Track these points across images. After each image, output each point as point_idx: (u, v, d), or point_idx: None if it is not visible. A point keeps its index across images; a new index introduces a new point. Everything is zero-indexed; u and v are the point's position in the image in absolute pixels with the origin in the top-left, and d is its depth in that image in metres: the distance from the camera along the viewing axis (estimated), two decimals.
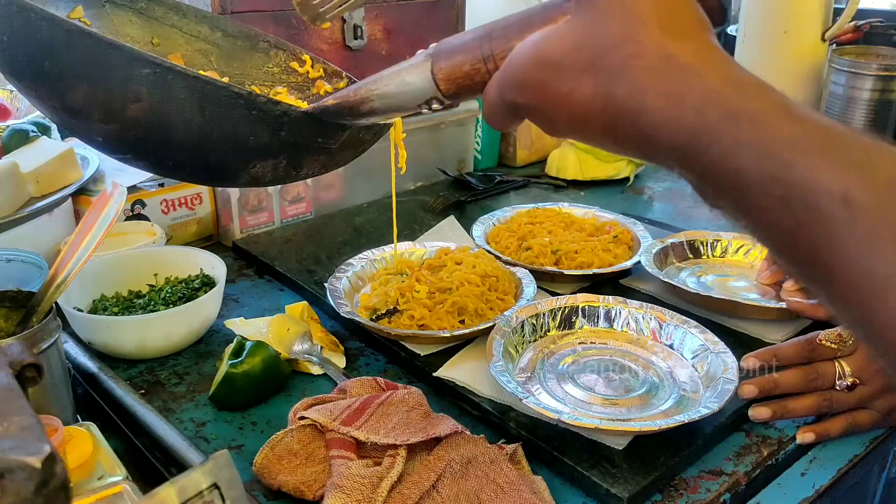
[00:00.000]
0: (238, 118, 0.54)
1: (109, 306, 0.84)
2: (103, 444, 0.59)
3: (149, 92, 0.52)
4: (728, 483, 0.65)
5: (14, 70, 0.57)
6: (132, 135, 0.55)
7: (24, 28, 0.53)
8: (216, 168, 0.59)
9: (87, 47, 0.52)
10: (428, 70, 0.49)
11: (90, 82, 0.53)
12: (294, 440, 0.64)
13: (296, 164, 0.61)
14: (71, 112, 0.56)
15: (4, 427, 0.37)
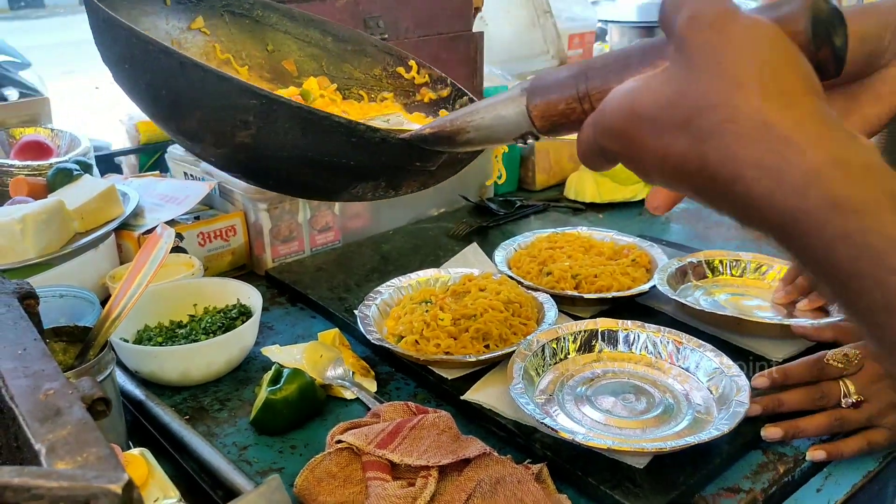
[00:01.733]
0: (339, 144, 0.57)
1: (154, 336, 0.88)
2: (157, 468, 0.64)
3: (256, 120, 0.56)
4: (745, 500, 0.68)
5: (136, 93, 0.61)
6: (242, 157, 0.60)
7: (143, 58, 0.57)
8: (319, 187, 0.64)
9: (199, 78, 0.55)
10: (523, 105, 0.49)
11: (202, 110, 0.57)
12: (332, 463, 0.68)
13: (395, 184, 0.64)
14: (186, 135, 0.61)
15: (84, 457, 0.42)
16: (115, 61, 0.60)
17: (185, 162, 1.24)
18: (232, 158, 0.61)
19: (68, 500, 0.37)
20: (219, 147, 0.59)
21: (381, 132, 0.57)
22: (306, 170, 0.59)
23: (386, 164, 0.59)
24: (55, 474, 0.38)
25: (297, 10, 0.84)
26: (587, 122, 0.45)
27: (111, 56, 0.61)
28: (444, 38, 1.22)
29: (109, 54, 0.61)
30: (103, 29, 0.60)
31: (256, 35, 0.82)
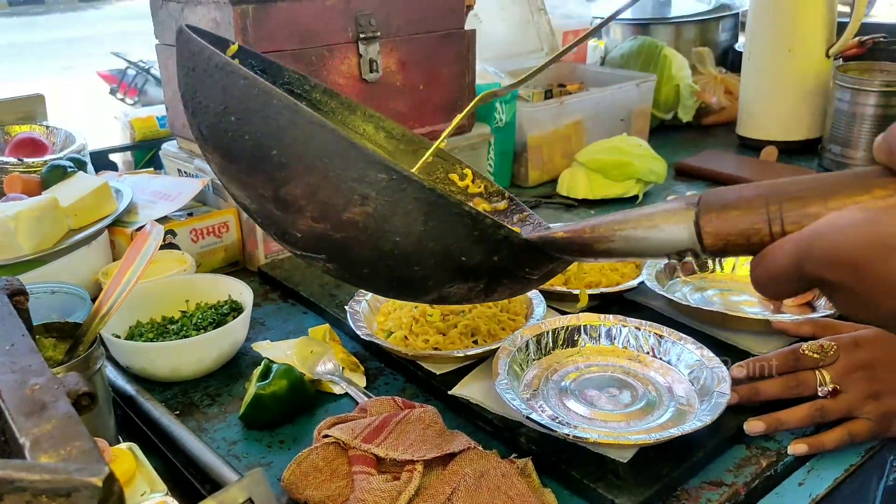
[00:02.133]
0: (459, 235, 0.52)
1: (145, 332, 0.89)
2: (144, 463, 0.65)
3: (377, 196, 0.50)
4: (728, 493, 0.69)
5: (229, 150, 0.55)
6: (339, 236, 0.53)
7: (260, 112, 0.51)
8: (412, 282, 0.57)
9: (326, 142, 0.50)
10: (691, 221, 0.46)
11: (317, 178, 0.51)
12: (319, 457, 0.69)
13: (490, 289, 0.59)
14: (280, 203, 0.54)
15: (67, 451, 0.43)
16: (216, 112, 0.54)
17: (178, 159, 1.25)
18: (325, 236, 0.54)
19: (50, 493, 0.38)
20: (318, 221, 0.53)
21: (505, 229, 0.53)
22: (412, 259, 0.54)
23: (496, 264, 0.55)
24: (38, 467, 0.39)
25: (354, 101, 0.82)
26: (783, 249, 0.43)
27: (211, 104, 0.55)
28: (436, 36, 1.22)
29: (209, 102, 0.55)
30: (211, 74, 0.54)
31: None
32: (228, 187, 0.59)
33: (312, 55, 1.09)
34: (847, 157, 1.49)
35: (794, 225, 0.43)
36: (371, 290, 0.67)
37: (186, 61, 0.57)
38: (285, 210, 0.54)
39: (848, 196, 0.42)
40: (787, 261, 0.43)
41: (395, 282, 0.58)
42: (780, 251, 0.43)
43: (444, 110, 1.28)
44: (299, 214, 0.54)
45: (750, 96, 1.65)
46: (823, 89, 1.56)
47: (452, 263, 0.54)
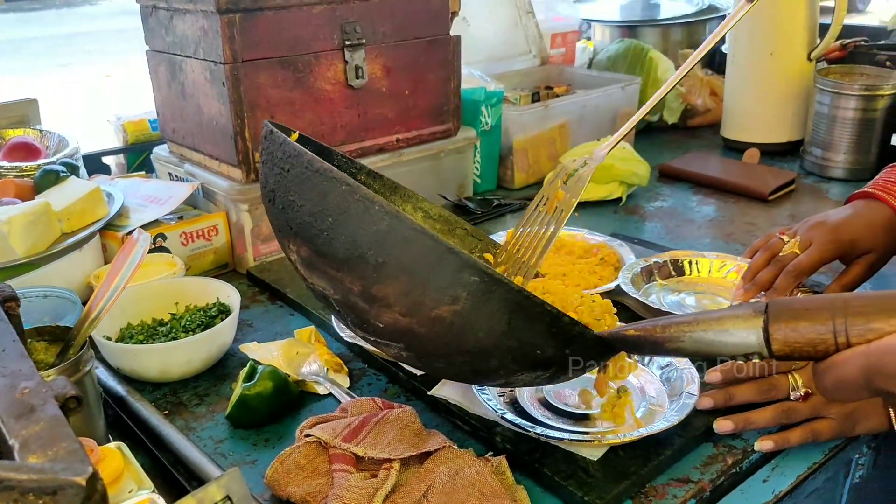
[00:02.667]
0: (538, 332, 0.55)
1: (135, 334, 0.92)
2: (132, 462, 0.67)
3: (468, 297, 0.53)
4: (694, 490, 0.72)
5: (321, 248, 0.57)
6: (423, 331, 0.56)
7: (361, 217, 0.54)
8: (485, 373, 0.60)
9: (425, 247, 0.53)
10: (760, 328, 0.49)
11: (412, 279, 0.54)
12: (301, 455, 0.71)
13: (554, 376, 0.62)
14: (368, 298, 0.56)
15: (54, 451, 0.45)
16: (312, 212, 0.57)
17: (169, 163, 1.28)
18: (409, 330, 0.56)
19: (37, 492, 0.41)
20: (405, 316, 0.56)
21: (579, 325, 0.57)
22: (491, 353, 0.57)
23: (567, 356, 0.58)
24: (25, 467, 0.41)
25: (396, 183, 0.85)
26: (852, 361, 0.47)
27: (306, 205, 0.57)
28: (421, 43, 1.25)
29: (304, 202, 0.57)
30: (309, 178, 0.57)
31: None
32: (309, 278, 0.61)
33: (299, 62, 1.12)
34: (828, 159, 1.52)
35: (858, 338, 0.47)
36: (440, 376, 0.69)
37: (280, 162, 0.59)
38: (371, 304, 0.57)
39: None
40: (858, 373, 0.47)
41: (468, 372, 0.61)
42: (850, 364, 0.47)
43: (429, 115, 1.30)
44: (387, 309, 0.56)
45: (734, 99, 1.68)
46: (805, 92, 1.59)
47: (528, 357, 0.57)
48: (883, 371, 0.45)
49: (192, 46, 1.11)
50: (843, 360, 0.47)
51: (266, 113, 1.10)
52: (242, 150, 1.10)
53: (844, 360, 0.47)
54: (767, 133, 1.65)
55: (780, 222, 1.32)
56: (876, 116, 1.46)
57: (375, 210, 0.53)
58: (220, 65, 1.06)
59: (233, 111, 1.08)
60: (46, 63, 7.73)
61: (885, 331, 0.46)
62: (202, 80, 1.12)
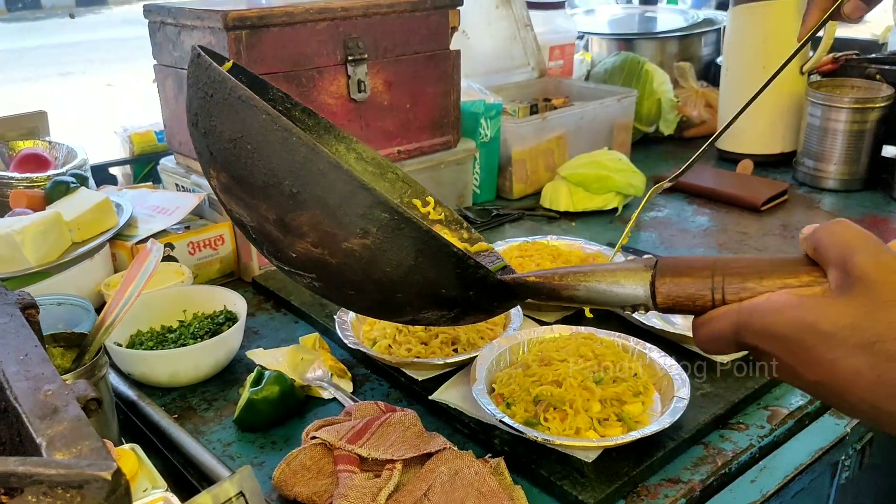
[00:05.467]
0: (443, 271, 0.58)
1: (145, 341, 0.95)
2: (146, 462, 0.70)
3: (378, 233, 0.55)
4: (684, 490, 0.75)
5: (239, 174, 0.58)
6: (334, 261, 0.58)
7: (279, 146, 0.55)
8: (392, 306, 0.62)
9: (338, 181, 0.54)
10: (647, 281, 0.52)
11: (324, 211, 0.55)
12: (307, 457, 0.74)
13: (458, 317, 0.64)
14: (282, 226, 0.58)
15: (79, 449, 0.48)
16: (231, 138, 0.58)
17: (176, 174, 1.31)
18: (319, 260, 0.59)
19: (65, 486, 0.44)
20: (316, 247, 0.58)
21: (484, 269, 0.59)
22: (397, 287, 0.59)
23: (470, 298, 0.60)
24: (53, 463, 0.44)
25: (331, 123, 0.86)
26: (725, 317, 0.50)
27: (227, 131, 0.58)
28: (421, 57, 1.28)
29: (225, 128, 0.58)
30: (231, 104, 0.57)
31: None
32: (227, 203, 0.63)
33: (303, 76, 1.15)
34: (820, 170, 1.55)
35: (733, 296, 0.50)
36: (349, 307, 0.71)
37: (204, 87, 0.60)
38: (285, 233, 0.58)
39: (779, 277, 0.49)
40: (728, 328, 0.50)
41: (375, 304, 0.63)
42: (722, 319, 0.50)
43: (429, 128, 1.34)
44: (299, 238, 0.58)
45: (728, 111, 1.71)
46: (798, 105, 1.62)
47: (432, 294, 0.60)
48: (751, 328, 0.48)
49: None
50: (717, 315, 0.50)
51: None
52: None
53: (718, 315, 0.50)
54: (761, 144, 1.68)
55: (772, 232, 1.35)
56: (867, 128, 1.49)
57: (293, 141, 0.54)
58: None
59: None
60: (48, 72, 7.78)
61: (757, 290, 0.49)
62: None
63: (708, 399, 0.85)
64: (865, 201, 1.48)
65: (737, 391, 0.86)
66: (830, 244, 0.47)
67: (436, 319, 0.64)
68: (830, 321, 0.45)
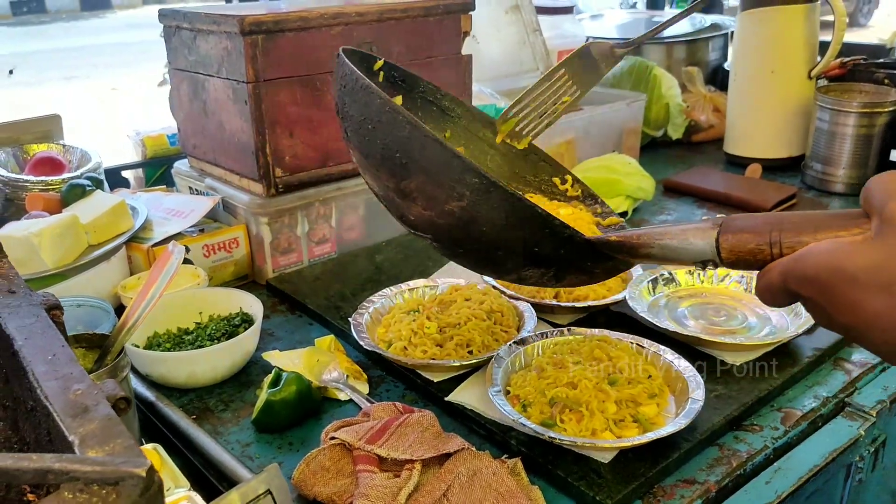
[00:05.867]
0: (532, 231, 0.65)
1: (163, 342, 0.96)
2: (168, 462, 0.71)
3: (470, 195, 0.64)
4: (700, 490, 0.76)
5: (366, 149, 0.70)
6: (442, 222, 0.68)
7: (389, 125, 0.65)
8: (496, 263, 0.71)
9: (435, 152, 0.64)
10: (713, 237, 0.57)
11: (427, 177, 0.65)
12: (326, 457, 0.75)
13: (560, 276, 0.71)
14: (399, 193, 0.69)
15: (111, 447, 0.49)
16: (359, 120, 0.68)
17: (190, 177, 1.32)
18: (432, 222, 0.69)
19: (100, 482, 0.44)
20: (426, 210, 0.68)
21: (570, 229, 0.65)
22: (495, 245, 0.67)
23: (563, 256, 0.67)
24: (89, 460, 0.45)
25: (477, 109, 0.95)
26: (776, 267, 0.53)
27: (355, 114, 0.69)
28: (434, 62, 1.29)
29: (354, 112, 0.69)
30: (357, 92, 0.68)
31: (439, 122, 0.92)
32: (364, 176, 0.75)
33: (318, 80, 1.16)
34: (828, 174, 1.56)
35: (789, 249, 0.53)
36: (467, 265, 0.79)
37: (341, 79, 0.72)
38: (403, 198, 0.70)
39: (831, 230, 0.51)
40: (777, 278, 0.53)
41: (483, 261, 0.73)
42: (774, 269, 0.53)
43: None
44: (413, 203, 0.69)
45: (736, 115, 1.72)
46: (806, 109, 1.63)
47: (528, 252, 0.67)
48: (794, 274, 0.51)
49: (215, 66, 1.16)
50: (771, 266, 0.53)
51: (286, 129, 1.15)
52: (263, 165, 1.14)
53: (772, 266, 0.53)
54: (769, 149, 1.69)
55: None
56: (875, 133, 1.50)
57: (399, 119, 0.64)
58: (243, 83, 1.10)
59: (254, 128, 1.12)
60: (52, 76, 7.82)
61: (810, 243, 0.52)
62: (224, 98, 1.16)
63: (722, 400, 0.85)
64: None
65: (750, 393, 0.87)
66: (876, 192, 0.49)
67: (538, 277, 0.71)
68: (855, 264, 0.47)
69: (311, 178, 1.20)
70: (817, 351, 0.94)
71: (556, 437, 0.76)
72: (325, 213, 1.23)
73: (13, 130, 1.44)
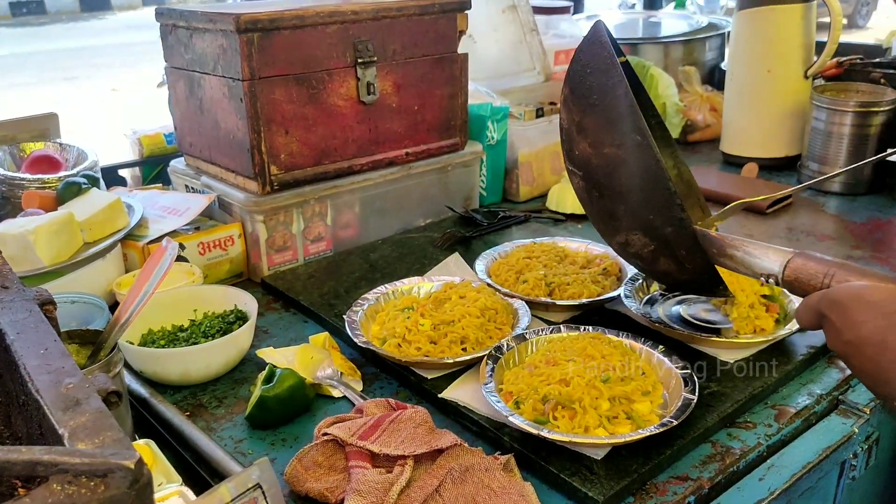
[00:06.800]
0: (657, 198, 0.80)
1: (157, 339, 0.96)
2: (160, 457, 0.71)
3: (629, 146, 0.80)
4: (693, 487, 0.76)
5: (574, 89, 0.86)
6: (596, 162, 0.84)
7: (603, 72, 0.81)
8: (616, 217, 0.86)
9: (624, 104, 0.80)
10: (785, 259, 0.72)
11: (606, 119, 0.81)
12: (318, 453, 0.75)
13: (656, 254, 0.85)
14: (579, 127, 0.85)
15: (101, 440, 0.49)
16: (583, 62, 0.85)
17: (186, 175, 1.32)
18: (588, 159, 0.85)
19: (89, 474, 0.44)
20: (590, 147, 0.84)
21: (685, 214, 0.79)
22: (622, 198, 0.84)
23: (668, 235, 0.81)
24: (77, 452, 0.45)
25: (672, 140, 1.11)
26: (817, 293, 0.65)
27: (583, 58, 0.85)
28: (430, 60, 1.29)
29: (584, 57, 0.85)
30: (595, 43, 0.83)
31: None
32: (563, 107, 0.90)
33: (313, 79, 1.16)
34: (824, 173, 1.56)
35: (836, 283, 0.67)
36: (593, 215, 0.92)
37: (592, 34, 0.85)
38: (578, 131, 0.85)
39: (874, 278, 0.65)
40: (816, 298, 0.65)
41: (607, 213, 0.88)
42: (817, 293, 0.66)
43: (437, 130, 1.35)
44: (583, 137, 0.85)
45: (732, 115, 1.72)
46: (802, 109, 1.63)
47: (644, 218, 0.82)
48: (828, 297, 0.64)
49: (210, 64, 1.16)
50: (816, 292, 0.66)
51: (281, 127, 1.15)
52: (259, 162, 1.14)
53: (816, 292, 0.66)
54: (765, 148, 1.69)
55: (777, 235, 1.36)
56: (871, 132, 1.50)
57: (613, 71, 0.80)
58: (239, 81, 1.10)
59: (250, 126, 1.12)
60: (53, 76, 7.82)
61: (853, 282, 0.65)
62: (220, 95, 1.16)
63: (715, 398, 0.85)
64: (870, 204, 1.49)
65: (744, 390, 0.87)
66: None
67: (639, 248, 0.86)
68: (872, 295, 0.60)
69: (307, 175, 1.20)
70: (811, 349, 0.94)
71: (549, 433, 0.76)
72: (320, 211, 1.23)
73: (10, 129, 1.44)
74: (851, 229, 1.37)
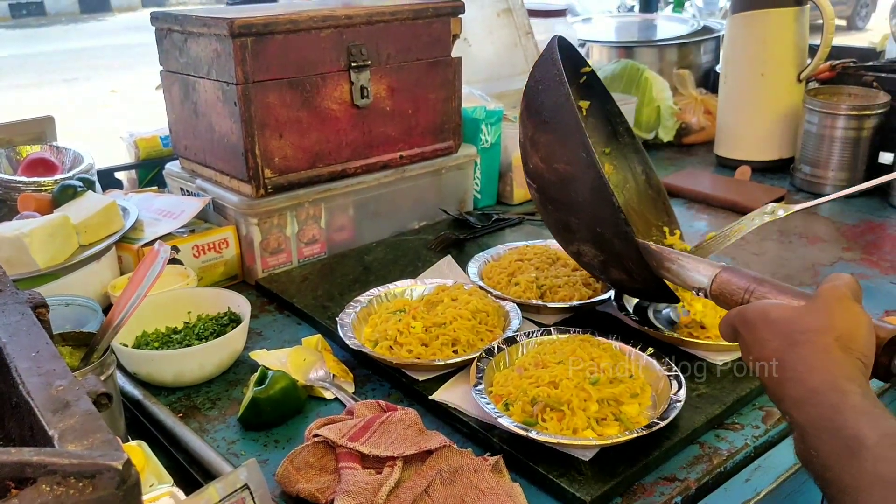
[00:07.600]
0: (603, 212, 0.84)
1: (151, 341, 0.96)
2: (152, 458, 0.72)
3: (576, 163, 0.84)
4: (680, 488, 0.76)
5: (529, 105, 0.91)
6: (547, 176, 0.89)
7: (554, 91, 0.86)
8: (569, 228, 0.91)
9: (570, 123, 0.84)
10: (713, 273, 0.76)
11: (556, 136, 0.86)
12: (310, 454, 0.76)
13: (607, 265, 0.90)
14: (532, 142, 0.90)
15: (90, 441, 0.50)
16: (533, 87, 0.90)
17: (181, 178, 1.33)
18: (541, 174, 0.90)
19: (77, 475, 0.45)
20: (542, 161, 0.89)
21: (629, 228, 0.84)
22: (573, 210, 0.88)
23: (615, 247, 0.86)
24: (66, 454, 0.46)
25: (640, 144, 1.14)
26: (735, 309, 0.68)
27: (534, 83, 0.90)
28: (423, 64, 1.30)
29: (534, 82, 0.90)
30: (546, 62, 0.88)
31: (607, 139, 1.13)
32: (520, 121, 0.95)
33: (307, 83, 1.17)
34: (817, 176, 1.57)
35: (755, 299, 0.70)
36: (549, 224, 0.97)
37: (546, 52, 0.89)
38: (532, 147, 0.90)
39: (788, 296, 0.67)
40: (732, 314, 0.68)
41: (562, 224, 0.92)
42: (735, 309, 0.68)
43: (431, 133, 1.36)
44: (535, 152, 0.89)
45: (726, 118, 1.73)
46: (795, 112, 1.64)
47: (594, 230, 0.87)
48: (741, 314, 0.66)
49: (205, 67, 1.17)
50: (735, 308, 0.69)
51: (275, 131, 1.16)
52: (252, 166, 1.15)
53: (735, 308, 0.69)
54: (759, 151, 1.70)
55: (769, 237, 1.37)
56: (864, 135, 1.51)
57: (562, 90, 0.85)
58: (233, 85, 1.11)
59: (243, 129, 1.13)
60: (52, 78, 7.84)
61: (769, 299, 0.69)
62: (214, 99, 1.17)
63: (703, 400, 0.86)
64: (862, 207, 1.50)
65: (731, 392, 0.87)
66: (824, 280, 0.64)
67: (591, 258, 0.90)
68: (777, 315, 0.63)
69: (301, 179, 1.21)
70: None
71: (538, 435, 0.76)
72: (314, 214, 1.24)
73: (6, 132, 1.45)
74: (843, 231, 1.37)
